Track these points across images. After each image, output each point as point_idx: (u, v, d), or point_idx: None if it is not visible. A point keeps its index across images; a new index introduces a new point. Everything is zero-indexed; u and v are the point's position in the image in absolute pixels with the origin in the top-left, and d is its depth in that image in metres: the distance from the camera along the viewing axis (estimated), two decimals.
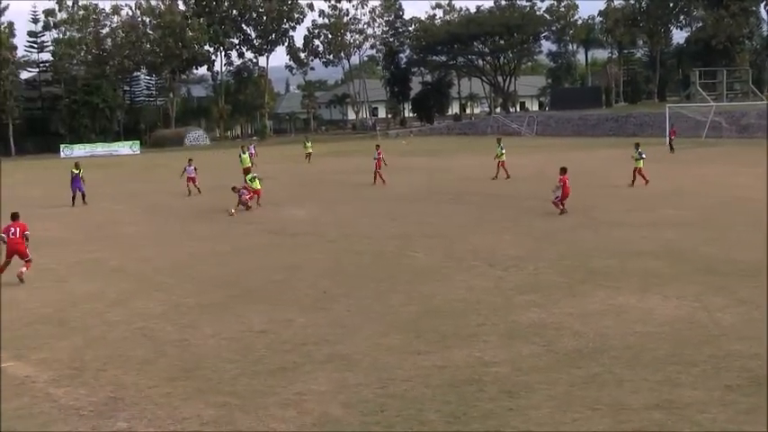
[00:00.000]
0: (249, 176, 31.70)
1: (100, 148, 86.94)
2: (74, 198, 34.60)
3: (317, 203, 31.39)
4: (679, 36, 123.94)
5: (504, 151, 38.74)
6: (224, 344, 12.65)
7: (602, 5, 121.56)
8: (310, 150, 57.47)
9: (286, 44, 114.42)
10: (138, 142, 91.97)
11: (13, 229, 18.27)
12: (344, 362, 11.47)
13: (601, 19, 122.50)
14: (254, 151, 51.10)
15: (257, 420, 9.47)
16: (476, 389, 10.18)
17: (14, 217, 18.77)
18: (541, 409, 9.42)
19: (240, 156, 40.09)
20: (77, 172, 35.02)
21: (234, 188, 30.92)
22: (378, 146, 41.15)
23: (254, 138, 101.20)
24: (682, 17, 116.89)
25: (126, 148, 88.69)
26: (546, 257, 18.64)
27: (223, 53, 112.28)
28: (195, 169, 37.35)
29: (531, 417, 9.24)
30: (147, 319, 14.37)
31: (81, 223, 28.56)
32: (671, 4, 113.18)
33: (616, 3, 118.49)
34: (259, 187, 31.46)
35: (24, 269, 18.12)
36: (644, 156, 33.13)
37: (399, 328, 13.10)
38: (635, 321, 12.97)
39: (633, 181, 32.63)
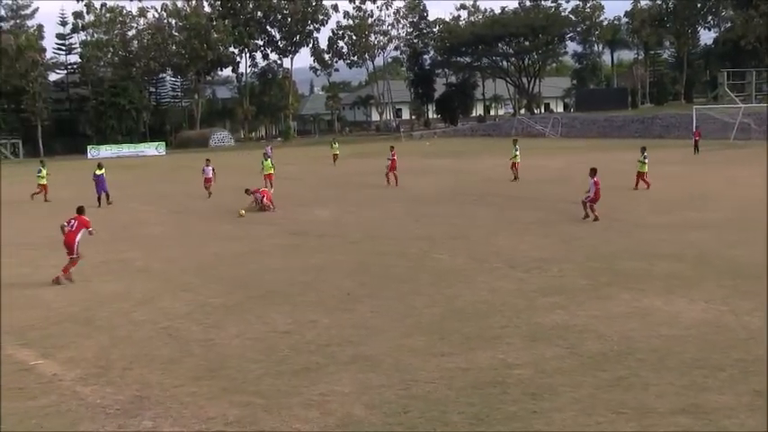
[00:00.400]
0: (266, 164, 32.69)
1: (126, 149, 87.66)
2: (99, 199, 34.74)
3: (341, 205, 31.45)
4: (707, 37, 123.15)
5: (518, 153, 38.93)
6: (248, 344, 12.72)
7: (628, 6, 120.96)
8: (337, 152, 56.47)
9: (310, 45, 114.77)
10: (164, 143, 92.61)
11: (72, 222, 18.43)
12: (368, 363, 11.49)
13: (627, 19, 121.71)
14: (270, 153, 51.10)
15: (281, 420, 9.51)
16: (499, 391, 10.16)
17: (79, 211, 18.93)
18: (565, 412, 9.38)
19: (262, 162, 38.04)
20: (101, 172, 35.12)
21: (247, 190, 31.15)
22: (392, 147, 40.68)
23: (278, 139, 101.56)
24: (710, 17, 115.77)
25: (152, 149, 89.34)
26: (570, 259, 18.56)
27: (248, 55, 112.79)
28: (213, 170, 37.19)
29: (554, 419, 9.21)
30: (173, 319, 14.48)
31: (107, 223, 28.75)
32: (699, 5, 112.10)
33: (642, 3, 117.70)
34: (270, 171, 35.09)
35: (61, 274, 18.19)
36: (647, 160, 32.54)
37: (423, 330, 13.10)
38: (660, 324, 12.88)
39: (636, 185, 32.15)
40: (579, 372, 10.77)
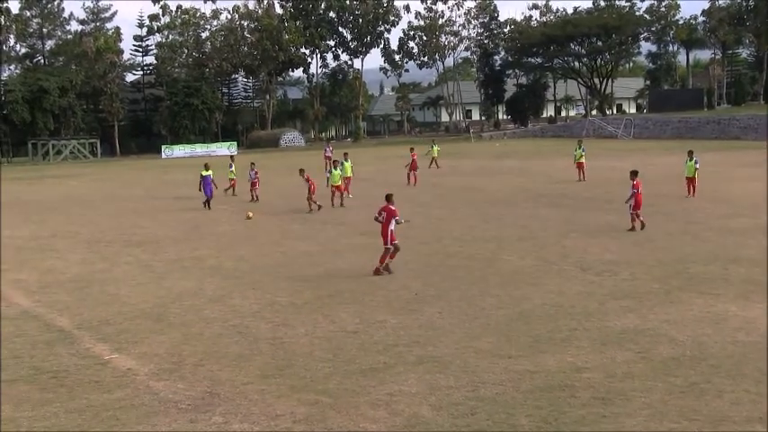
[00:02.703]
0: (334, 173, 32.07)
1: (199, 149, 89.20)
2: (207, 202, 32.98)
3: (410, 205, 31.40)
4: None
5: (584, 153, 39.48)
6: (316, 343, 12.83)
7: (705, 4, 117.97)
8: (436, 154, 51.38)
9: (381, 46, 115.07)
10: (236, 143, 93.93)
11: (383, 213, 18.24)
12: (435, 364, 11.48)
13: (704, 18, 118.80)
14: (330, 153, 51.52)
15: (348, 419, 9.58)
16: (568, 394, 10.05)
17: (387, 199, 18.54)
18: (636, 418, 9.23)
19: (331, 171, 33.20)
20: (207, 173, 33.26)
21: (302, 171, 31.78)
22: (412, 148, 42.53)
23: (348, 139, 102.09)
24: None
25: (224, 148, 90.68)
26: (641, 263, 18.24)
27: (318, 55, 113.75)
28: (256, 173, 35.90)
29: (624, 424, 9.07)
30: (243, 317, 14.70)
31: (180, 223, 29.38)
32: None
33: (721, 1, 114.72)
34: (338, 182, 32.08)
35: (379, 265, 18.10)
36: (698, 165, 31.01)
37: (490, 332, 13.04)
38: (736, 330, 12.57)
39: (693, 191, 30.33)
40: (650, 377, 10.58)
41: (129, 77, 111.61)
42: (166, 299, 16.52)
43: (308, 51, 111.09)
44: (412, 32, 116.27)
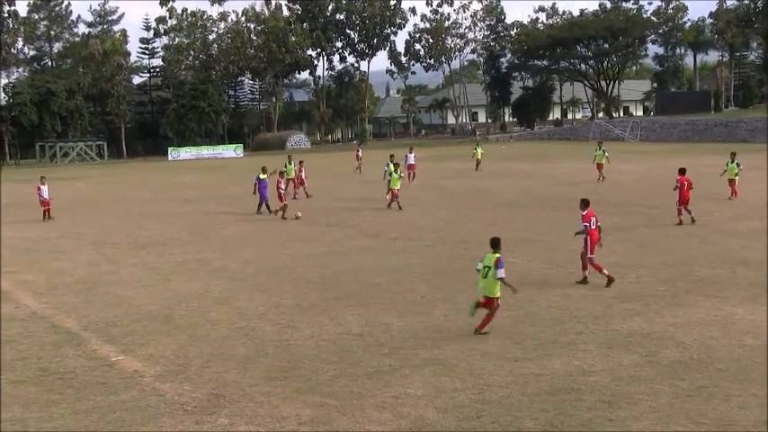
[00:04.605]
0: (394, 176, 31.24)
1: (205, 151, 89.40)
2: (260, 205, 31.41)
3: (416, 207, 31.43)
4: None
5: (606, 154, 39.93)
6: (322, 345, 12.84)
7: (712, 6, 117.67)
8: (479, 157, 50.12)
9: (387, 48, 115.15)
10: (242, 145, 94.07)
11: (593, 219, 16.85)
12: (441, 367, 11.47)
13: (711, 20, 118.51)
14: (360, 154, 53.63)
15: (354, 422, 9.58)
16: (574, 398, 10.03)
17: (586, 203, 17.27)
18: (642, 421, 9.21)
19: (392, 175, 31.68)
20: (264, 176, 31.69)
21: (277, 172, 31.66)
22: (411, 148, 45.05)
23: (354, 141, 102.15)
24: None
25: (230, 151, 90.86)
26: (648, 265, 18.20)
27: (325, 58, 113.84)
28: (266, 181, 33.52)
29: (631, 428, 9.05)
30: (249, 319, 14.72)
31: (186, 225, 29.41)
32: None
33: (728, 3, 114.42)
34: (398, 186, 31.26)
35: (588, 270, 16.70)
36: (740, 168, 31.24)
37: (496, 335, 13.02)
38: (743, 333, 12.53)
39: (735, 193, 30.75)
40: (657, 380, 10.55)
41: (136, 80, 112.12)
42: (173, 301, 16.54)
43: (314, 53, 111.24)
44: (418, 35, 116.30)
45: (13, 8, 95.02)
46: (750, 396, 9.85)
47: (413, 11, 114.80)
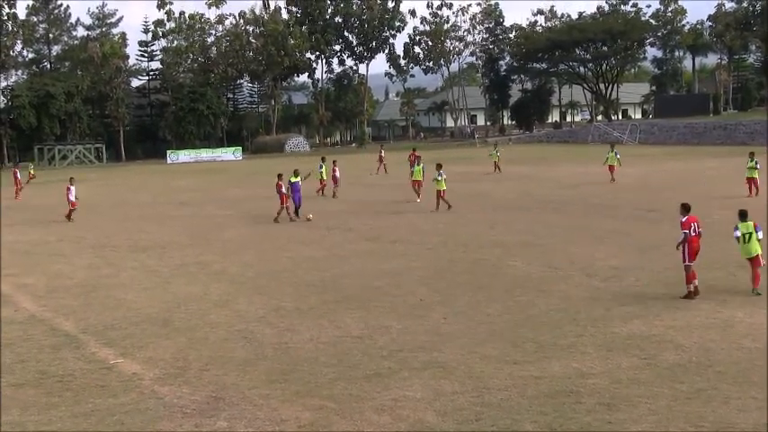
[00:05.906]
0: (434, 176, 31.56)
1: (204, 154, 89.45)
2: (288, 209, 29.87)
3: (416, 211, 31.45)
4: None
5: (618, 156, 40.59)
6: (321, 348, 12.84)
7: (711, 9, 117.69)
8: (497, 159, 50.09)
9: (386, 51, 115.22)
10: (241, 148, 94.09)
11: (693, 225, 15.99)
12: (440, 369, 11.48)
13: (710, 23, 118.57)
14: (383, 154, 54.86)
15: (353, 425, 9.58)
16: (573, 400, 10.04)
17: (686, 209, 16.21)
18: (641, 424, 9.21)
19: (414, 167, 35.36)
20: (296, 179, 30.41)
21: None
22: (381, 145, 46.44)
23: (353, 144, 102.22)
24: None
25: (229, 153, 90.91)
26: (647, 268, 18.21)
27: (324, 61, 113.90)
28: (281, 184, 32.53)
29: (630, 431, 9.06)
30: (248, 322, 14.72)
31: (186, 228, 29.40)
32: None
33: (727, 6, 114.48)
34: (420, 178, 34.19)
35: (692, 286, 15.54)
36: (759, 166, 32.09)
37: (496, 338, 13.02)
38: (742, 336, 12.53)
39: (756, 191, 31.60)
40: (656, 383, 10.56)
41: (135, 83, 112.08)
42: (172, 304, 16.54)
43: (313, 56, 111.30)
44: (417, 38, 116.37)
45: (12, 11, 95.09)
46: (749, 399, 9.85)
47: (412, 13, 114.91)
